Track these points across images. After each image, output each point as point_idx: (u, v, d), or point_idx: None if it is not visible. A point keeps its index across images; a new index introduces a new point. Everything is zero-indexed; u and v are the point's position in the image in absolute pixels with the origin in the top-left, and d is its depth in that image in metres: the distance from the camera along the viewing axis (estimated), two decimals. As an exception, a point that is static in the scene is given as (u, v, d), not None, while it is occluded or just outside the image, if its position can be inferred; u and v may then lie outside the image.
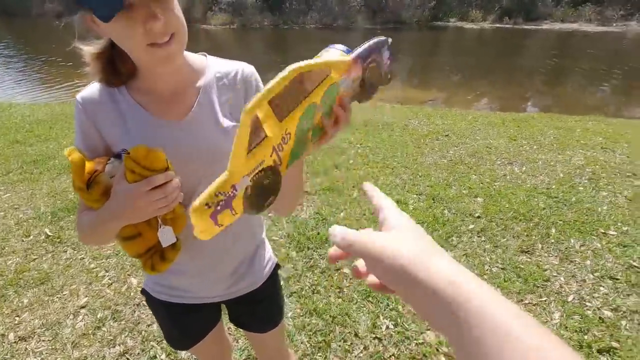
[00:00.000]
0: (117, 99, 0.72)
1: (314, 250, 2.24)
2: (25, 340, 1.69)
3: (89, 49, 0.68)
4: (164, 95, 0.72)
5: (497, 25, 18.58)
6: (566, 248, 2.20)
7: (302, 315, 1.79)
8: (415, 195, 2.85)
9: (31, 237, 2.43)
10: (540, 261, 2.11)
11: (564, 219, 2.47)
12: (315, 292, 1.94)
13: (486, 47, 14.08)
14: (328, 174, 3.23)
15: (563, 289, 1.91)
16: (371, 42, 0.56)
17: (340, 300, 1.88)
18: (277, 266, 0.98)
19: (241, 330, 1.16)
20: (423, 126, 4.57)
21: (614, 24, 16.60)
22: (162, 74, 0.69)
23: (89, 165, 0.67)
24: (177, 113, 0.72)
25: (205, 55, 0.78)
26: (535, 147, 3.79)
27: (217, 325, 1.00)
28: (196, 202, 0.45)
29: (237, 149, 0.45)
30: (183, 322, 0.91)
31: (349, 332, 1.69)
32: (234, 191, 0.46)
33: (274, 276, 0.96)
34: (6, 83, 8.76)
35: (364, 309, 1.82)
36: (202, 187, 0.73)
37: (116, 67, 0.69)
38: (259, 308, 0.95)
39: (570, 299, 1.84)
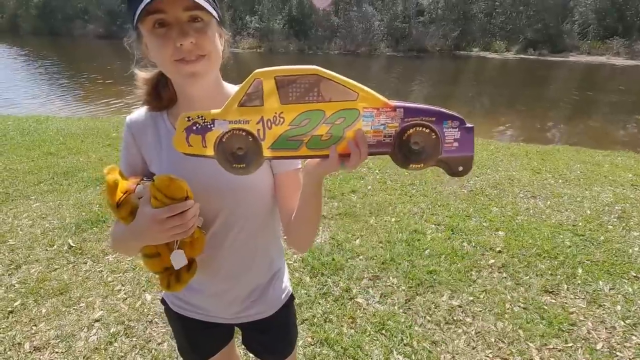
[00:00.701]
0: (159, 123, 0.78)
1: (328, 277, 2.21)
2: (39, 351, 1.72)
3: (142, 75, 0.75)
4: None
5: (522, 56, 18.55)
6: (594, 290, 2.08)
7: (312, 345, 1.75)
8: (433, 225, 2.79)
9: (55, 246, 2.51)
10: (566, 303, 2.00)
11: (591, 259, 2.35)
12: (327, 320, 1.89)
13: (509, 77, 14.02)
14: (345, 198, 3.23)
15: (591, 335, 1.79)
16: (430, 106, 0.55)
17: (352, 331, 1.83)
18: (292, 297, 0.97)
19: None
20: (443, 154, 4.52)
21: (644, 58, 16.29)
22: (199, 102, 0.72)
23: (123, 184, 0.72)
24: None
25: (233, 86, 0.80)
26: (560, 181, 3.68)
27: (228, 345, 1.00)
28: (183, 113, 0.55)
29: (234, 97, 0.54)
30: (196, 337, 0.93)
31: (361, 366, 1.63)
32: (212, 125, 0.54)
33: (288, 307, 0.95)
34: (48, 97, 9.33)
35: (377, 342, 1.76)
36: (224, 215, 0.77)
37: (159, 92, 0.75)
38: (269, 337, 0.95)
39: (599, 347, 1.73)
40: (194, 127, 0.55)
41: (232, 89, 0.78)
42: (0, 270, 2.26)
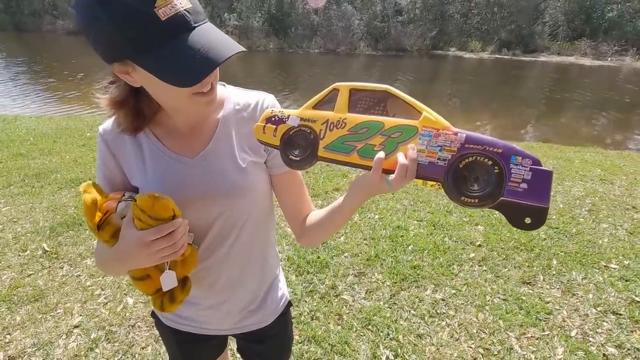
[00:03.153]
0: (139, 135, 0.72)
1: (313, 275, 2.22)
2: (14, 360, 1.65)
3: (111, 98, 0.66)
4: (183, 130, 0.72)
5: (496, 55, 19.11)
6: (568, 280, 2.18)
7: (300, 343, 1.75)
8: (416, 222, 2.85)
9: (28, 251, 2.40)
10: (542, 293, 2.09)
11: (565, 251, 2.46)
12: (314, 318, 1.90)
13: (485, 76, 14.43)
14: (328, 197, 3.24)
15: (566, 323, 1.88)
16: (500, 140, 0.49)
17: (339, 327, 1.84)
18: (290, 304, 0.95)
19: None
20: (424, 152, 4.61)
21: (609, 59, 17.10)
22: (185, 112, 0.69)
23: (103, 203, 0.67)
24: (194, 147, 0.72)
25: (225, 85, 0.77)
26: (534, 176, 3.82)
27: (221, 355, 0.98)
28: (269, 109, 0.65)
29: (312, 101, 0.61)
30: (189, 350, 0.90)
31: (348, 362, 1.65)
32: (287, 119, 0.62)
33: (285, 315, 0.92)
34: (14, 96, 8.88)
35: (364, 337, 1.79)
36: (220, 223, 0.74)
37: (141, 111, 0.68)
38: (266, 346, 0.92)
39: (573, 333, 1.81)
40: (273, 119, 0.63)
41: (223, 90, 0.75)
42: (-31, 278, 2.15)
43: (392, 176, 0.54)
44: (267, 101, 0.75)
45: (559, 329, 1.84)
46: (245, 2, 20.80)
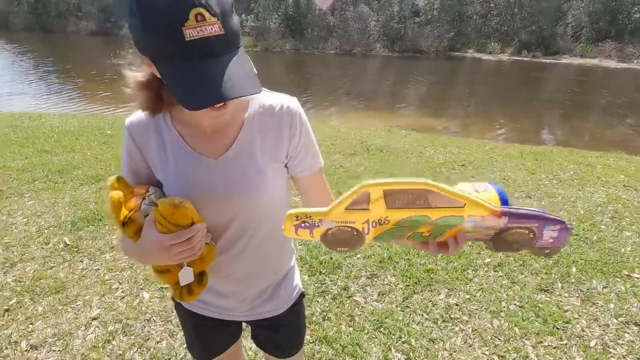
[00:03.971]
0: (161, 127, 0.74)
1: (326, 275, 2.22)
2: (36, 349, 1.71)
3: (136, 78, 0.67)
4: (207, 129, 0.73)
5: (516, 57, 18.72)
6: (588, 289, 2.12)
7: (311, 343, 1.76)
8: (430, 225, 2.81)
9: (50, 245, 2.48)
10: (561, 301, 2.03)
11: (585, 258, 2.39)
12: (325, 318, 1.91)
13: (504, 78, 14.15)
14: (343, 198, 3.24)
15: (585, 333, 1.82)
16: (535, 210, 0.57)
17: (351, 329, 1.84)
18: (302, 295, 0.98)
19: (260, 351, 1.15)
20: (439, 155, 4.56)
21: (635, 61, 16.51)
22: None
23: (129, 202, 0.70)
24: (217, 148, 0.73)
25: None
26: (554, 181, 3.72)
27: (236, 342, 1.02)
28: (292, 210, 0.60)
29: (341, 202, 0.58)
30: (205, 334, 0.94)
31: (359, 364, 1.65)
32: (320, 223, 0.60)
33: (298, 304, 0.95)
34: (39, 95, 9.21)
35: (376, 339, 1.78)
36: (237, 222, 0.76)
37: (161, 96, 0.70)
38: (280, 334, 0.95)
39: (592, 344, 1.76)
40: (302, 225, 0.60)
41: None
42: (-5, 269, 2.24)
43: (445, 249, 0.61)
44: (292, 105, 0.75)
45: (577, 338, 1.79)
46: (263, 3, 20.99)
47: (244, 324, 1.01)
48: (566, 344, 1.76)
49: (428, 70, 15.64)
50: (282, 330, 0.95)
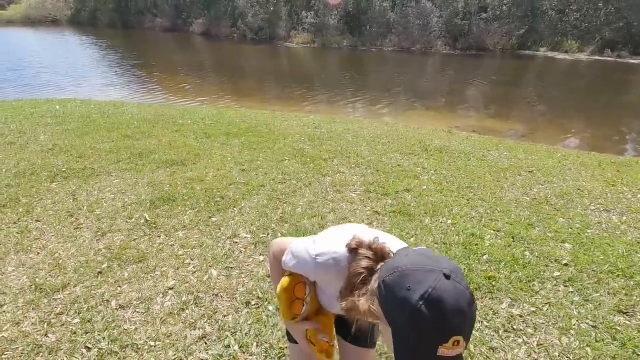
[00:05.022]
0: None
1: (382, 272, 2.23)
2: (124, 309, 1.94)
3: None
4: None
5: (596, 57, 16.93)
6: (677, 317, 1.91)
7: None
8: (492, 231, 2.70)
9: (133, 219, 2.78)
10: (642, 326, 1.85)
11: (674, 283, 2.14)
12: (381, 313, 1.93)
13: (581, 79, 12.89)
14: (398, 196, 3.21)
15: (671, 364, 1.65)
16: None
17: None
18: None
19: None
20: (503, 159, 4.32)
21: None
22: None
23: (294, 284, 0.91)
24: None
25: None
26: (639, 195, 3.36)
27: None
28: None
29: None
30: None
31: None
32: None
33: None
34: (122, 85, 10.22)
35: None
36: None
37: None
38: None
39: (680, 376, 1.59)
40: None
41: None
42: (90, 236, 2.56)
43: None
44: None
45: (661, 368, 1.63)
46: (323, 0, 21.14)
47: None
48: (647, 373, 1.61)
49: (493, 69, 14.73)
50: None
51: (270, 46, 19.84)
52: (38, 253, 2.37)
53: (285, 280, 0.89)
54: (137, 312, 1.92)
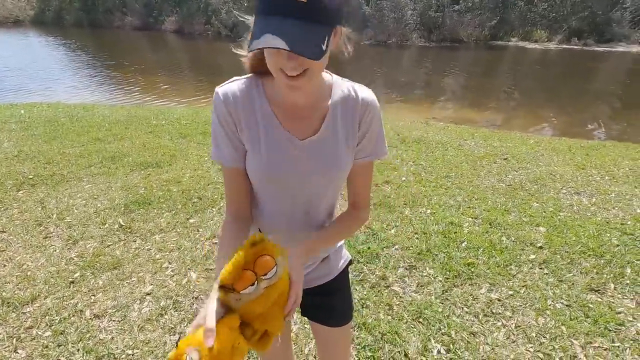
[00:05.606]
0: (254, 100, 0.76)
1: (363, 265, 2.24)
2: (99, 318, 1.87)
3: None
4: (297, 108, 0.77)
5: (564, 46, 17.51)
6: (644, 291, 2.00)
7: (351, 328, 1.79)
8: (470, 219, 2.75)
9: (107, 225, 2.68)
10: (613, 302, 1.93)
11: (641, 259, 2.24)
12: (364, 306, 1.93)
13: (551, 68, 13.30)
14: (379, 189, 3.23)
15: (640, 337, 1.73)
16: None
17: (389, 317, 1.86)
18: (350, 262, 1.04)
19: (309, 328, 1.19)
20: (479, 147, 4.41)
21: None
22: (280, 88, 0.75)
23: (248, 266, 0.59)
24: (305, 129, 0.78)
25: (331, 75, 0.82)
26: (607, 177, 3.50)
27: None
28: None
29: None
30: None
31: (399, 351, 1.66)
32: None
33: (346, 271, 1.02)
34: (91, 86, 9.83)
35: (414, 329, 1.78)
36: (313, 197, 0.83)
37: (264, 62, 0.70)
38: (332, 300, 1.00)
39: (649, 348, 1.66)
40: None
41: (330, 79, 0.80)
42: (60, 245, 2.46)
43: None
44: (367, 96, 0.81)
45: (631, 341, 1.70)
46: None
47: None
48: (619, 347, 1.67)
49: (467, 60, 15.02)
50: (334, 297, 1.00)
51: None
52: (5, 266, 2.25)
53: (259, 236, 0.60)
54: (113, 320, 1.86)
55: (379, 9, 19.87)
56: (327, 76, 0.81)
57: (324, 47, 0.62)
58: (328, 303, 1.00)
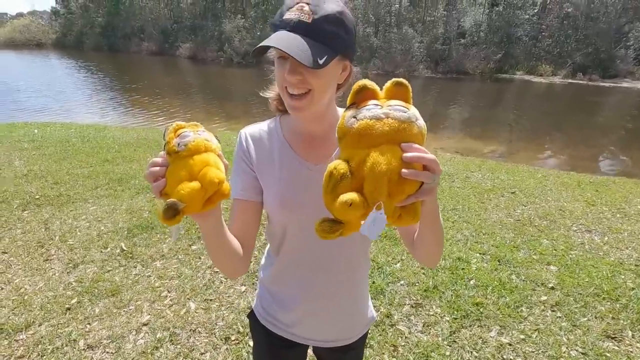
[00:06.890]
0: (272, 135, 0.82)
1: (368, 300, 2.17)
2: (92, 349, 1.80)
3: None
4: (310, 138, 0.80)
5: (570, 80, 17.76)
6: (664, 341, 1.89)
7: (353, 370, 1.70)
8: (478, 254, 2.68)
9: (108, 249, 2.66)
10: (632, 352, 1.82)
11: (659, 305, 2.14)
12: (367, 346, 1.85)
13: (556, 102, 13.44)
14: (385, 220, 3.18)
15: (663, 392, 1.62)
16: None
17: (394, 360, 1.77)
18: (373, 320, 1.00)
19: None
20: (487, 180, 4.37)
21: None
22: (305, 120, 0.78)
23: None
24: (318, 156, 0.80)
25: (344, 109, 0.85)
26: (618, 215, 3.42)
27: None
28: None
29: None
30: (278, 353, 0.96)
31: (404, 399, 1.57)
32: None
33: (367, 332, 0.99)
34: (105, 108, 10.09)
35: (421, 374, 1.69)
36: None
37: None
38: (346, 356, 0.97)
39: (673, 405, 1.55)
40: None
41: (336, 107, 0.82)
42: (60, 268, 2.42)
43: None
44: None
45: (653, 397, 1.59)
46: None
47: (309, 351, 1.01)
48: (640, 403, 1.56)
49: (473, 92, 15.25)
50: (351, 353, 0.96)
51: (257, 70, 20.12)
52: (2, 288, 2.22)
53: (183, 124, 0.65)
54: (107, 352, 1.79)
55: (387, 41, 20.50)
56: (341, 110, 0.82)
57: (321, 62, 0.64)
58: (342, 358, 0.98)
